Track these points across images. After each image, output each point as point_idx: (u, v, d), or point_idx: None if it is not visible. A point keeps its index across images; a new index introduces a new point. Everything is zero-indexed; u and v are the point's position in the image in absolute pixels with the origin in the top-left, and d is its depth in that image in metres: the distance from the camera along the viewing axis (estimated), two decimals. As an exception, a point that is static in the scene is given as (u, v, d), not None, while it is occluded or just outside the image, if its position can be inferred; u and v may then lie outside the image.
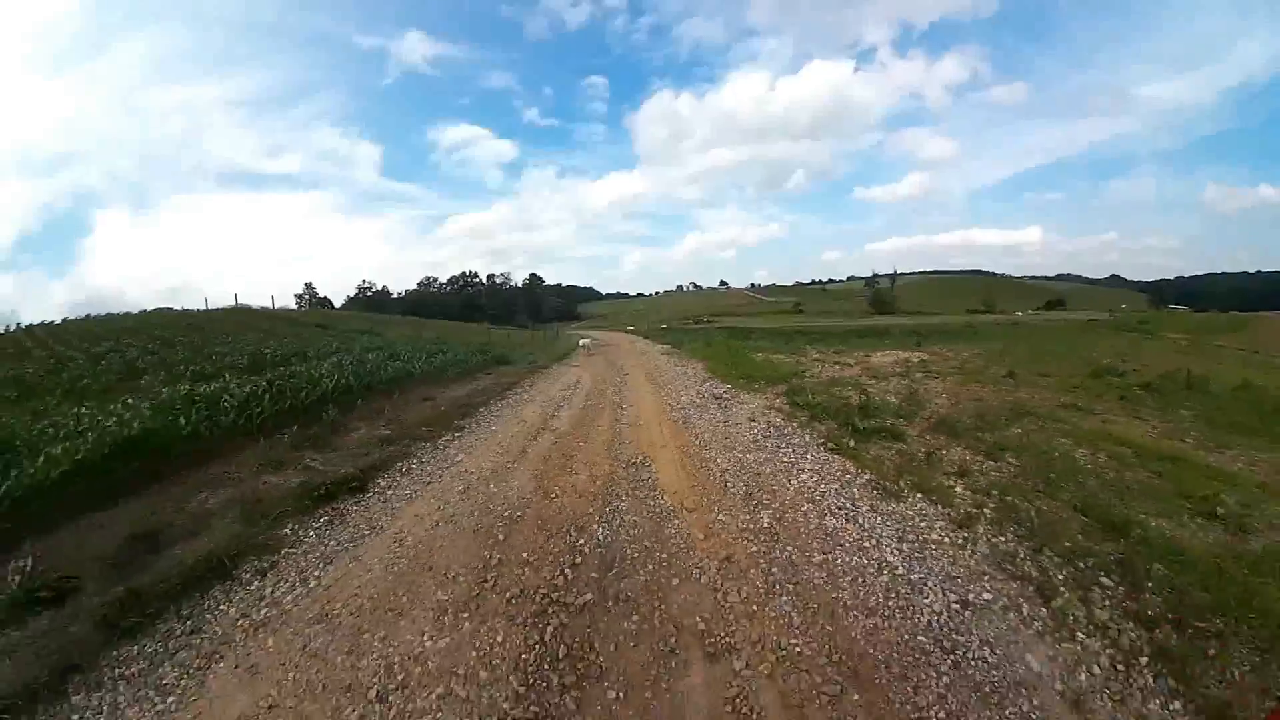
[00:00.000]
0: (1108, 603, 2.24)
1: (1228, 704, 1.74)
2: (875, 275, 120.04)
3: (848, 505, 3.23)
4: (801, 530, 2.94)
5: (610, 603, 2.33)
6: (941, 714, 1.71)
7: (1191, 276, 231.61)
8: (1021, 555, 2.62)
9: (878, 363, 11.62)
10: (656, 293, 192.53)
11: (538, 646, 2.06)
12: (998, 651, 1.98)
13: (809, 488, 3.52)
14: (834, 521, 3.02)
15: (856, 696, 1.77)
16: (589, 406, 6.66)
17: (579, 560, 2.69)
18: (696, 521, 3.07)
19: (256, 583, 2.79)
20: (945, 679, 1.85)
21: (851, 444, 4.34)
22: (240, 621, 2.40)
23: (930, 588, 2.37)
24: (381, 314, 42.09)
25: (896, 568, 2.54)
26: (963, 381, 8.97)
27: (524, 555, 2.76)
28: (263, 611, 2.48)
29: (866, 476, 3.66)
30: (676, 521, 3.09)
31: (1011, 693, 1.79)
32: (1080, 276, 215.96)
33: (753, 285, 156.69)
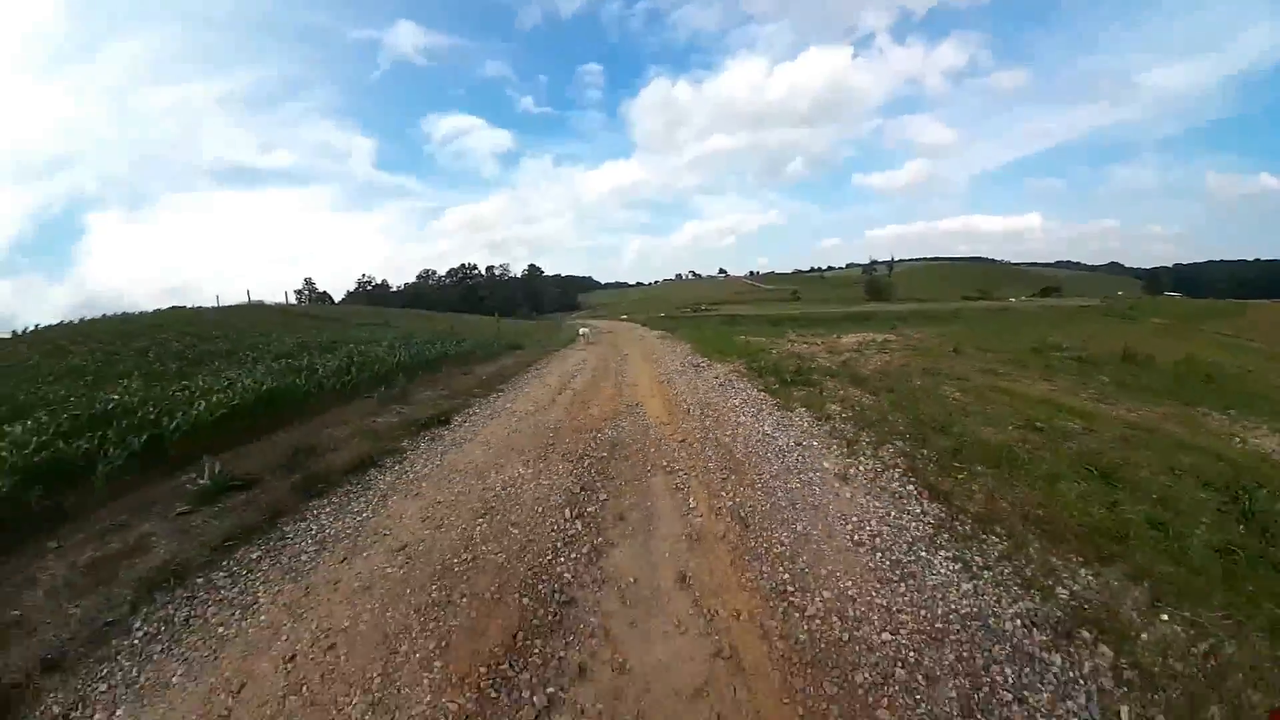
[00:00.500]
0: (890, 450, 4.13)
1: (940, 487, 3.57)
2: (873, 262, 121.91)
3: (756, 414, 5.17)
4: (725, 425, 4.90)
5: (616, 457, 4.25)
6: (773, 479, 3.61)
7: (1190, 264, 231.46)
8: (849, 432, 4.54)
9: (843, 343, 13.50)
10: (655, 282, 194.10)
11: (580, 471, 3.97)
12: (807, 459, 3.92)
13: (736, 408, 5.50)
14: (745, 419, 5.01)
15: (735, 477, 3.68)
16: (596, 375, 8.57)
17: (597, 443, 4.63)
18: (668, 428, 5.00)
19: (397, 466, 4.64)
20: (777, 466, 3.78)
21: (776, 388, 6.26)
22: (395, 481, 4.20)
23: (783, 439, 4.35)
24: (391, 308, 43.90)
25: (770, 434, 4.50)
26: (909, 356, 10.83)
27: (566, 442, 4.69)
28: (409, 475, 4.31)
29: (775, 402, 5.61)
30: (655, 428, 5.02)
31: (809, 473, 3.70)
32: (1080, 264, 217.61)
33: (751, 273, 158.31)
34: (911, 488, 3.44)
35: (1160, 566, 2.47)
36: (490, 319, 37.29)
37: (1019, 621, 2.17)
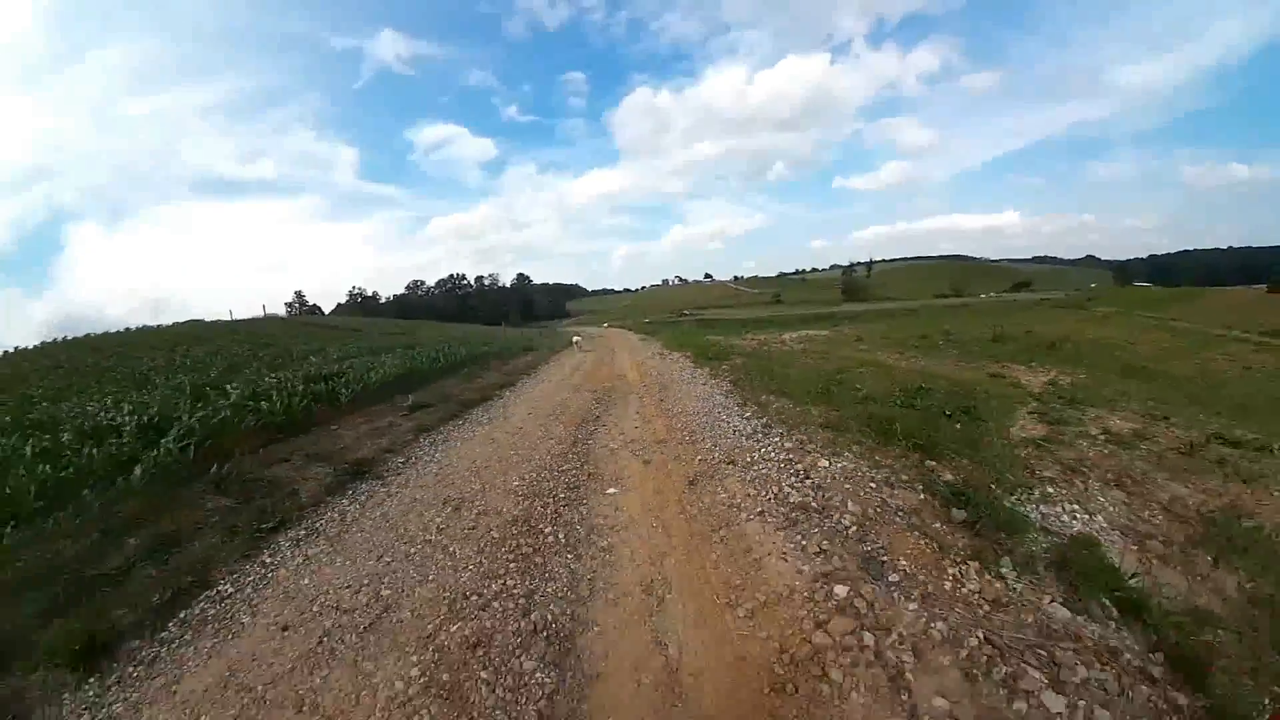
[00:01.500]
0: (733, 381, 8.23)
1: (743, 390, 7.63)
2: (853, 264, 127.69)
3: (683, 372, 9.35)
4: (667, 377, 9.00)
5: (612, 392, 8.33)
6: (679, 390, 7.70)
7: (1165, 255, 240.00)
8: (724, 375, 8.65)
9: (781, 338, 17.70)
10: (643, 287, 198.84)
11: (597, 396, 8.03)
12: (696, 383, 7.99)
13: (675, 371, 9.61)
14: (677, 374, 9.13)
15: (664, 390, 7.77)
16: (595, 365, 12.67)
17: (602, 388, 8.69)
18: (638, 382, 9.11)
19: (500, 400, 8.66)
20: (684, 388, 7.86)
21: (702, 362, 10.41)
22: (506, 403, 8.25)
23: (689, 378, 8.42)
24: (385, 318, 47.55)
25: (686, 378, 8.60)
26: (819, 344, 14.99)
27: (587, 388, 8.77)
28: (511, 402, 8.34)
29: (695, 368, 9.74)
30: (632, 382, 9.13)
31: (694, 386, 7.77)
32: (1057, 258, 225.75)
33: (736, 278, 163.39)
34: (729, 387, 7.53)
35: (822, 403, 6.59)
36: (486, 328, 41.33)
37: (749, 421, 6.26)
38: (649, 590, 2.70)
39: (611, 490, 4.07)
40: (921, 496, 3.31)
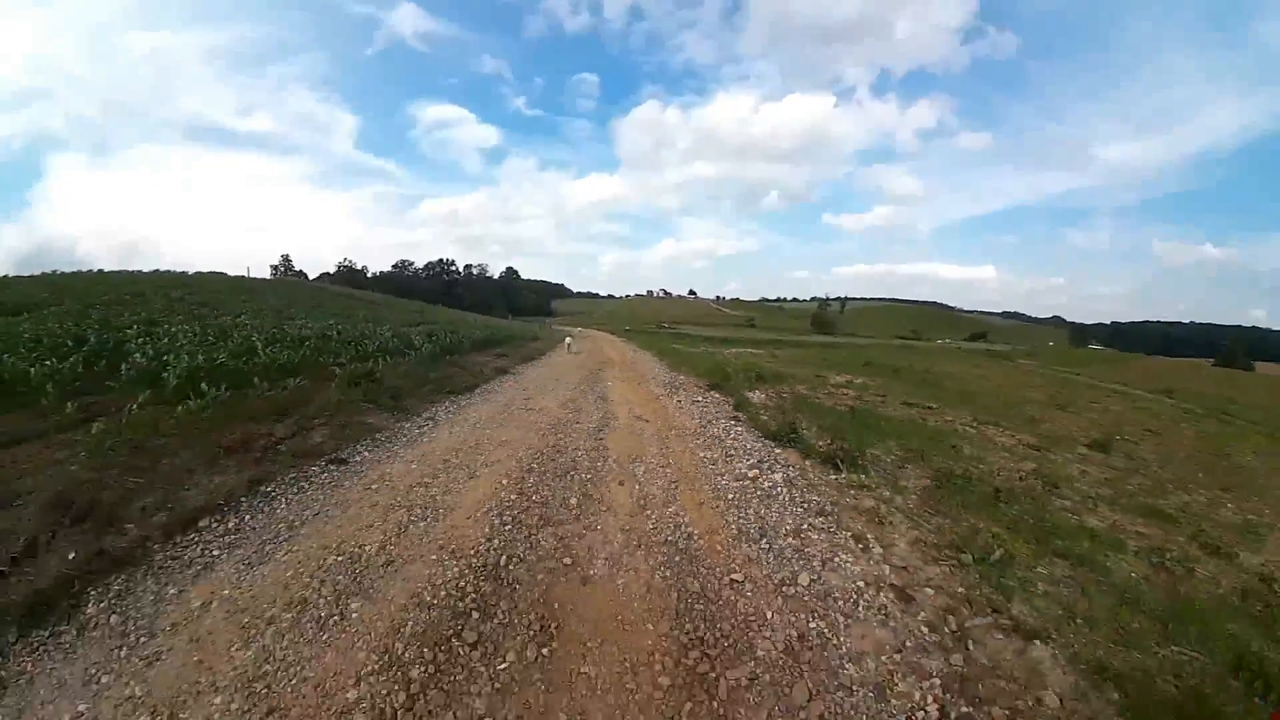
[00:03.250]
0: (671, 364, 14.37)
1: (668, 365, 13.74)
2: (827, 298, 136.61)
3: (648, 361, 15.54)
4: (636, 363, 15.15)
5: (601, 370, 14.41)
6: (642, 368, 13.83)
7: (1128, 322, 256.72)
8: (666, 362, 14.85)
9: (726, 352, 23.97)
10: (628, 295, 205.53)
11: (591, 370, 14.09)
12: (648, 364, 14.21)
13: (649, 364, 15.80)
14: (642, 361, 15.34)
15: (634, 369, 13.88)
16: (589, 352, 18.76)
17: (595, 366, 14.78)
18: (618, 365, 15.23)
19: (528, 367, 14.68)
20: (644, 367, 14.04)
21: (661, 357, 16.61)
22: (535, 369, 14.25)
23: (650, 361, 14.67)
24: (400, 297, 52.67)
25: (647, 363, 14.81)
26: (746, 358, 21.29)
27: (586, 365, 14.85)
28: (536, 369, 14.35)
29: (655, 359, 15.95)
30: (615, 365, 15.25)
31: (649, 365, 13.94)
32: (1026, 315, 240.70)
33: (718, 298, 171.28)
34: (667, 365, 13.73)
35: (704, 373, 12.76)
36: (486, 317, 47.02)
37: (670, 373, 12.39)
38: (629, 411, 8.80)
39: (609, 383, 10.21)
40: (712, 394, 9.52)
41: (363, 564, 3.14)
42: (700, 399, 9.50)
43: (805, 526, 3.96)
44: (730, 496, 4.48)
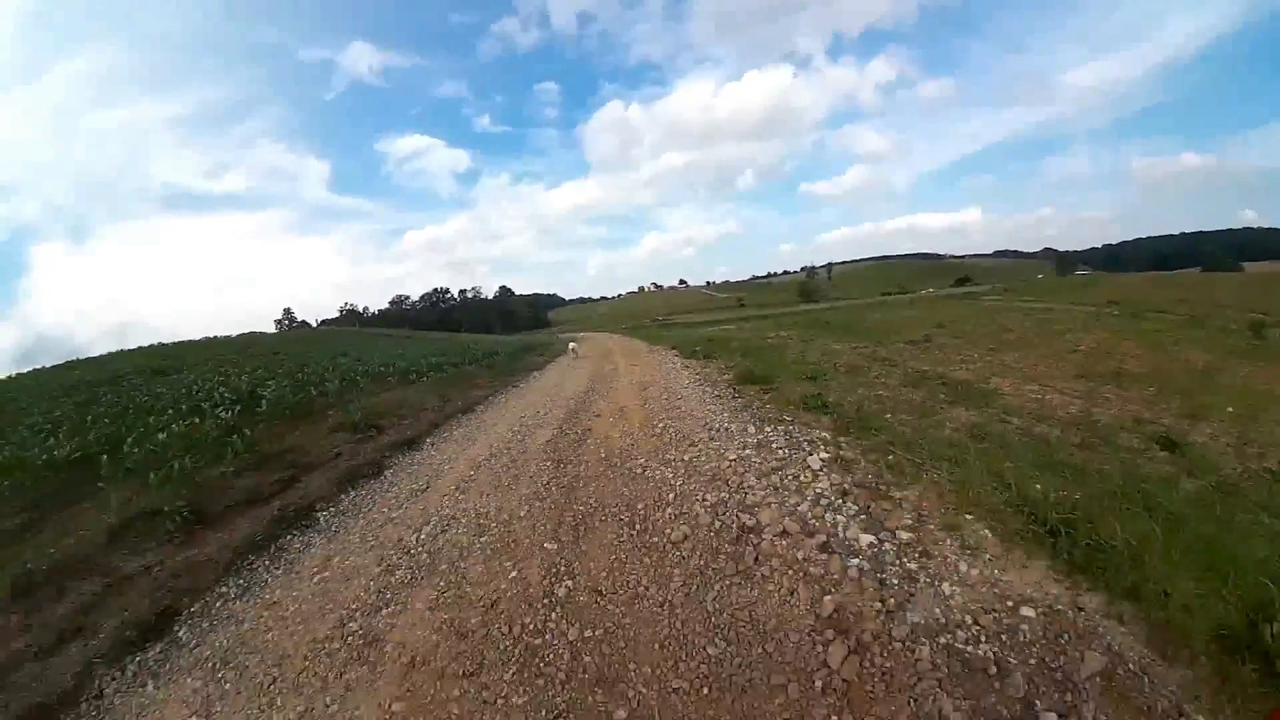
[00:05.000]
0: (649, 340, 19.92)
1: (665, 347, 19.26)
2: (813, 267, 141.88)
3: (638, 344, 21.20)
4: (633, 350, 20.79)
5: (606, 359, 20.03)
6: (634, 351, 19.42)
7: (1117, 244, 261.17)
8: (647, 344, 20.45)
9: (702, 333, 29.51)
10: (619, 295, 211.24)
11: (598, 361, 19.70)
12: (636, 345, 19.83)
13: (638, 345, 21.43)
14: (636, 345, 20.99)
15: (630, 353, 19.44)
16: (593, 353, 24.41)
17: (601, 358, 20.40)
18: (620, 354, 20.86)
19: (544, 370, 20.30)
20: (637, 349, 19.66)
21: (648, 339, 22.22)
22: (548, 372, 19.84)
23: (643, 345, 20.32)
24: (372, 328, 58.41)
25: (640, 347, 20.45)
26: (717, 330, 26.82)
27: (592, 360, 20.48)
28: (548, 373, 19.94)
29: (643, 344, 21.59)
30: (617, 354, 20.87)
31: (633, 342, 19.53)
32: (1017, 251, 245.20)
33: (708, 283, 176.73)
34: (648, 345, 19.35)
35: (687, 349, 18.34)
36: (495, 336, 52.76)
37: (650, 349, 17.95)
38: (629, 378, 14.40)
39: (617, 359, 15.93)
40: (671, 352, 15.15)
41: (550, 394, 8.85)
42: (662, 355, 15.16)
43: (680, 370, 9.65)
44: (665, 375, 10.21)
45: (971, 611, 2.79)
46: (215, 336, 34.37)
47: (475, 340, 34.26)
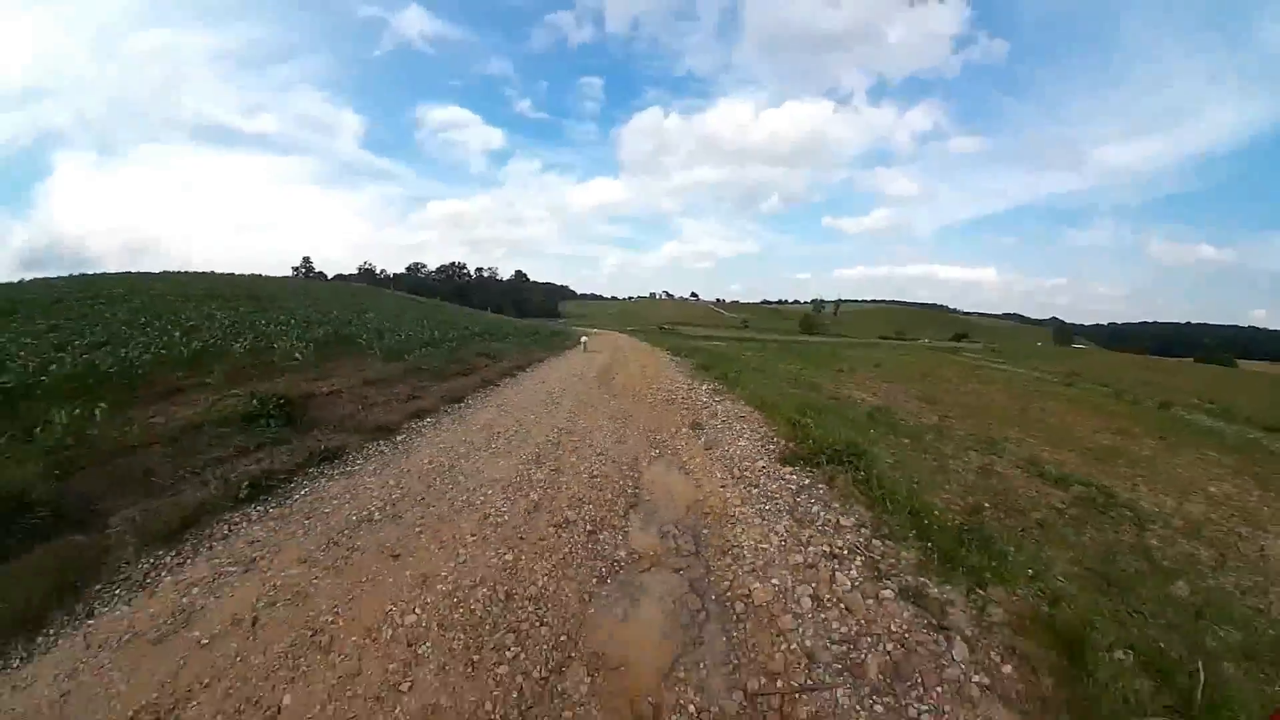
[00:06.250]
0: (649, 344, 26.09)
1: (663, 348, 25.39)
2: (823, 301, 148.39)
3: (642, 343, 27.46)
4: (634, 347, 27.01)
5: (618, 352, 26.24)
6: (636, 346, 25.62)
7: (1125, 324, 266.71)
8: (648, 345, 26.66)
9: (697, 344, 35.66)
10: (631, 297, 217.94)
11: (613, 352, 25.91)
12: (643, 344, 26.05)
13: (644, 345, 27.66)
14: (640, 345, 27.23)
15: (636, 349, 25.63)
16: (604, 344, 30.66)
17: (613, 350, 26.62)
18: (628, 348, 27.08)
19: (588, 341, 26.54)
20: (639, 346, 25.86)
21: (650, 342, 28.46)
22: (572, 353, 26.04)
23: (645, 345, 26.57)
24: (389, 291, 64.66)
25: (642, 344, 26.68)
26: (701, 343, 32.96)
27: (607, 349, 26.69)
28: (578, 351, 26.15)
29: (643, 343, 27.83)
30: (626, 349, 27.09)
31: (638, 341, 25.74)
32: (1024, 317, 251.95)
33: (718, 300, 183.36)
34: (649, 345, 25.59)
35: (683, 354, 24.55)
36: (518, 319, 59.19)
37: (651, 348, 24.11)
38: (637, 362, 20.63)
39: (627, 351, 22.20)
40: (667, 353, 21.43)
41: (587, 362, 15.10)
42: (663, 355, 21.35)
43: (674, 368, 15.90)
44: (657, 361, 16.51)
45: (745, 448, 8.97)
46: (261, 275, 40.93)
47: (506, 321, 40.54)
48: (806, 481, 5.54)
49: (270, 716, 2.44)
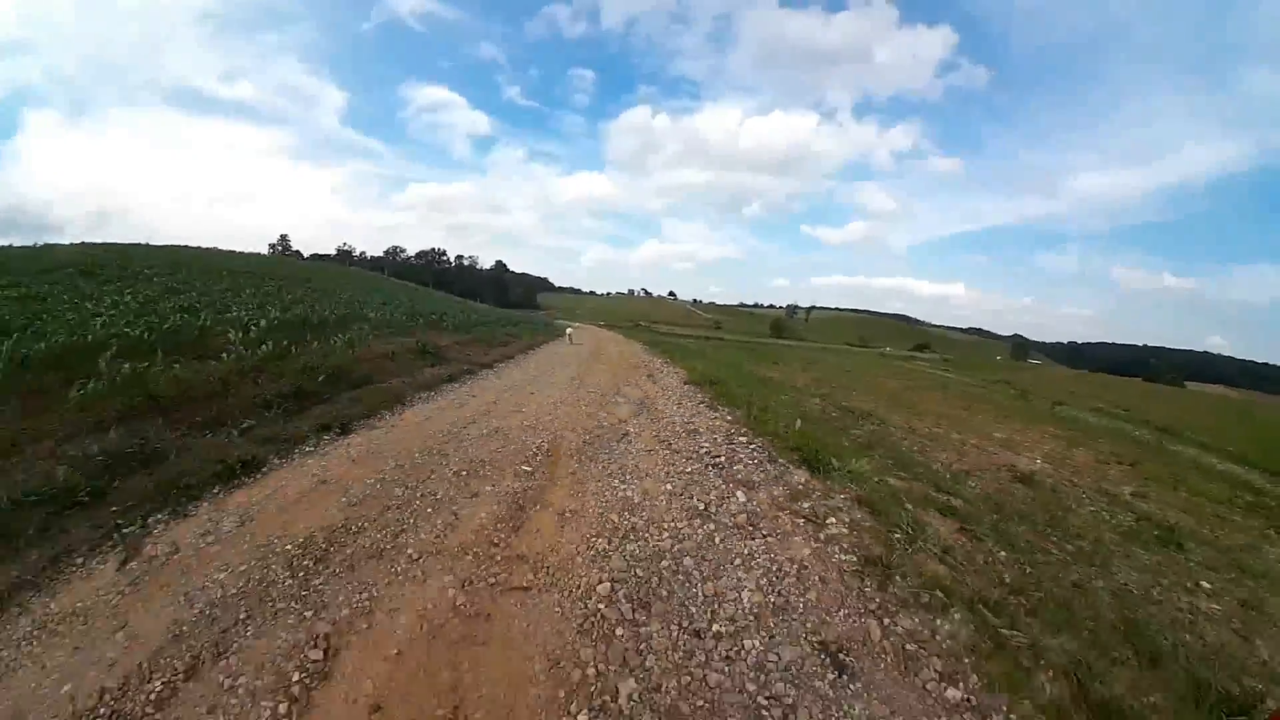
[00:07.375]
0: (622, 336, 32.50)
1: (639, 342, 31.73)
2: (796, 306, 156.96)
3: (618, 335, 33.92)
4: (614, 340, 33.44)
5: (601, 340, 32.57)
6: (612, 339, 31.99)
7: (1084, 343, 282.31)
8: (623, 338, 33.12)
9: (667, 339, 42.09)
10: (609, 293, 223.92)
11: (593, 343, 32.22)
12: (618, 338, 32.51)
13: (622, 338, 34.09)
14: (617, 337, 33.68)
15: (616, 341, 32.00)
16: (589, 340, 36.97)
17: (594, 342, 32.96)
18: (610, 341, 33.49)
19: (552, 343, 32.78)
20: (614, 338, 32.27)
21: (626, 337, 34.90)
22: (560, 342, 32.28)
23: (622, 338, 33.02)
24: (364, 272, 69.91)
25: (616, 338, 33.15)
26: (671, 338, 39.45)
27: (589, 341, 33.01)
28: (560, 345, 32.39)
29: (620, 336, 34.29)
30: (606, 341, 33.48)
31: (614, 337, 32.13)
32: (990, 332, 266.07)
33: (695, 301, 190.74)
34: (624, 338, 32.08)
35: (652, 344, 30.99)
36: (503, 309, 64.93)
37: (627, 340, 30.50)
38: (614, 346, 26.98)
39: (608, 343, 28.62)
40: (640, 345, 27.91)
41: (576, 348, 21.51)
42: (635, 346, 27.86)
43: (643, 352, 22.42)
44: (632, 349, 22.97)
45: (672, 382, 15.46)
46: (240, 252, 46.07)
47: (501, 311, 46.61)
48: (693, 390, 12.09)
49: (511, 417, 8.91)
